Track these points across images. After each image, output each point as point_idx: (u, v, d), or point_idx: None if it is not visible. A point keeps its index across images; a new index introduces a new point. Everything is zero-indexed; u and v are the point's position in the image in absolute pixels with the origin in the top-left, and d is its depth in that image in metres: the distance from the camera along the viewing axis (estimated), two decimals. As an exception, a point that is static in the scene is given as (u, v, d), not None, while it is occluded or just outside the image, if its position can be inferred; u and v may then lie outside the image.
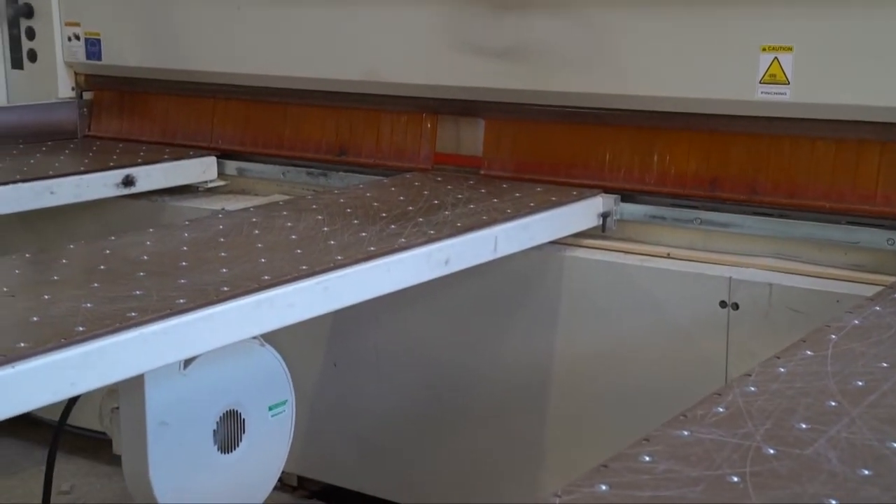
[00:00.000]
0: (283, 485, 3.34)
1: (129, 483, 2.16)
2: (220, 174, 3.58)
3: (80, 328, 1.71)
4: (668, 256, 2.74)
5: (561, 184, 2.93)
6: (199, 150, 3.58)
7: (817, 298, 2.45)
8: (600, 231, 2.84)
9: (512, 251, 2.57)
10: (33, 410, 1.66)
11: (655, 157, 2.83)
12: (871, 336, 1.83)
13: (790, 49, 2.56)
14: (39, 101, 3.82)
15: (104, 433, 2.33)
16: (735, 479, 1.27)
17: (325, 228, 2.42)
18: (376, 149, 3.31)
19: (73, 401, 2.24)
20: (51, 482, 2.52)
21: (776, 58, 2.58)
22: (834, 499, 1.22)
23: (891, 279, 2.41)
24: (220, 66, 3.54)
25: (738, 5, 2.63)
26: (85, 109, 3.88)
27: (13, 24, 3.85)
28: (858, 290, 2.42)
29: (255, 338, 2.19)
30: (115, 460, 2.23)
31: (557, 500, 1.21)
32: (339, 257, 2.16)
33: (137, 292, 1.92)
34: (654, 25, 2.75)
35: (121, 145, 3.67)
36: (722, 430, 1.41)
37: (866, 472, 1.29)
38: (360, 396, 3.13)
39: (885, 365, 1.68)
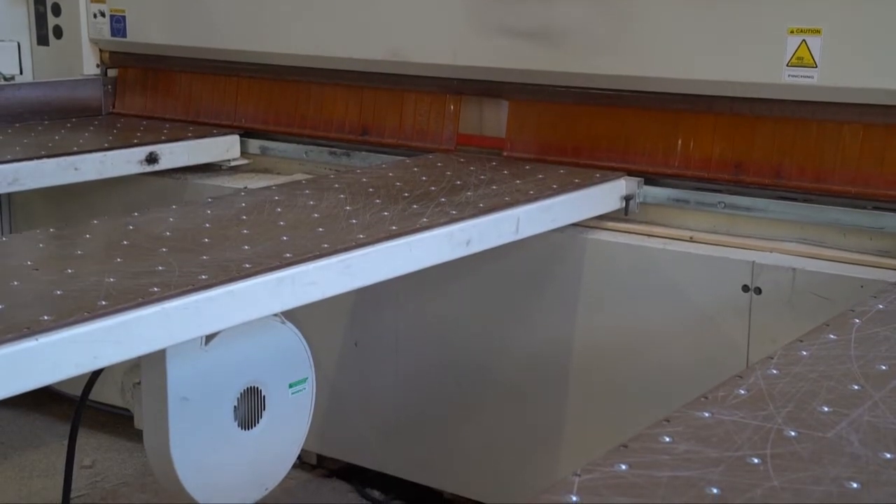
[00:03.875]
0: (302, 462, 3.36)
1: (151, 458, 2.18)
2: (243, 153, 3.58)
3: (103, 302, 1.72)
4: (691, 240, 2.72)
5: (584, 166, 2.92)
6: (223, 129, 3.59)
7: (841, 283, 2.43)
8: (623, 214, 2.83)
9: (534, 233, 2.56)
10: (56, 384, 1.67)
11: (679, 140, 2.82)
12: (896, 321, 1.82)
13: (818, 31, 2.54)
14: (64, 77, 3.84)
15: (126, 409, 2.35)
16: (756, 460, 1.27)
17: (348, 207, 2.42)
18: (399, 129, 3.30)
19: (95, 375, 2.25)
20: (73, 456, 2.53)
21: (804, 40, 2.55)
22: (855, 481, 1.22)
23: (916, 265, 2.39)
24: (244, 44, 3.55)
25: (766, -13, 2.61)
26: (109, 86, 3.89)
27: (39, 1, 3.86)
28: (883, 276, 2.41)
29: (276, 315, 2.19)
30: (137, 436, 2.25)
31: (577, 479, 1.21)
32: (361, 236, 2.16)
33: (160, 268, 1.93)
34: (680, 6, 2.73)
35: (144, 123, 3.69)
36: (743, 412, 1.40)
37: (888, 456, 1.28)
38: (380, 376, 3.13)
39: (909, 350, 1.67)
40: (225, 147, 3.53)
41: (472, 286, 2.94)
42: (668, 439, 1.32)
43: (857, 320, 1.81)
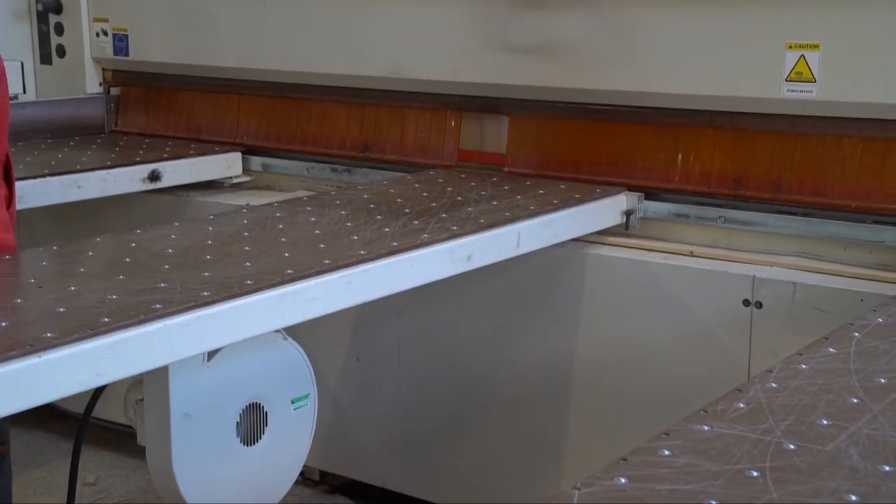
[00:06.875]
0: (305, 479, 3.36)
1: (153, 474, 2.18)
2: (245, 170, 3.59)
3: (106, 319, 1.73)
4: (692, 254, 2.73)
5: (584, 181, 2.93)
6: (225, 146, 3.60)
7: (841, 297, 2.43)
8: (624, 229, 2.84)
9: (535, 248, 2.57)
10: (59, 402, 1.68)
11: (680, 155, 2.83)
12: (895, 334, 1.82)
13: (817, 47, 2.55)
14: (67, 96, 3.85)
15: (129, 426, 2.35)
16: (755, 473, 1.27)
17: (349, 223, 2.43)
18: (400, 145, 3.32)
19: (98, 392, 2.25)
20: (76, 474, 2.54)
21: (803, 55, 2.57)
22: (854, 494, 1.22)
23: (916, 278, 2.40)
24: (245, 62, 3.56)
25: (764, 2, 2.62)
26: (112, 105, 3.91)
27: (42, 20, 3.88)
28: (883, 290, 2.41)
29: (278, 331, 2.20)
30: (140, 453, 2.25)
31: (576, 493, 1.21)
32: (363, 252, 2.17)
33: (162, 285, 1.93)
34: (680, 22, 2.75)
35: (147, 140, 3.70)
36: (742, 425, 1.41)
37: (887, 469, 1.29)
38: (382, 391, 3.14)
39: (908, 363, 1.67)
40: (227, 164, 3.54)
41: (473, 301, 2.95)
42: (667, 452, 1.32)
43: (857, 334, 1.81)
